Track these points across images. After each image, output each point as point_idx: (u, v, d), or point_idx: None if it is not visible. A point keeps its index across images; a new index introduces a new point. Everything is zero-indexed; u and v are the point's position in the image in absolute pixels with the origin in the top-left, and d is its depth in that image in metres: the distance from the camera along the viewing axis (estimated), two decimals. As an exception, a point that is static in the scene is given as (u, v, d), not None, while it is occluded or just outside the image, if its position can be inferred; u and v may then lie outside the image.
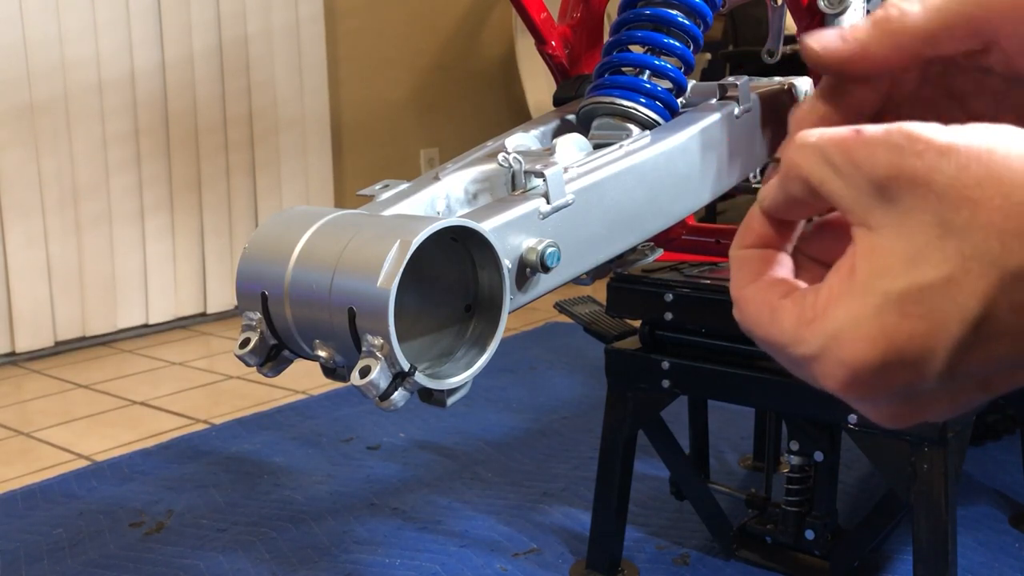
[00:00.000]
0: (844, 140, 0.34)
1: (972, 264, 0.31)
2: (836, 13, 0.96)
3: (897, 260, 0.32)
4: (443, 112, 3.57)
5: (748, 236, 0.39)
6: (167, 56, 2.73)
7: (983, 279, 0.31)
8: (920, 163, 0.32)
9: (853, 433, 1.09)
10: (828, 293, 0.34)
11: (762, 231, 0.39)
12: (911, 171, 0.32)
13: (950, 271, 0.31)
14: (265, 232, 0.66)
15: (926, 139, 0.32)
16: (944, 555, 1.04)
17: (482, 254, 0.63)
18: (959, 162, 0.31)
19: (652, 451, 1.34)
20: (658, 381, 1.20)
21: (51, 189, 2.55)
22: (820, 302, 0.34)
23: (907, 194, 0.32)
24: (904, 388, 0.34)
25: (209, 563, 1.39)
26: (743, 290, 0.38)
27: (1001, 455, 1.64)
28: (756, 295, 0.38)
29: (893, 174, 0.32)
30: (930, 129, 0.32)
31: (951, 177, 0.31)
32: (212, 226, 2.89)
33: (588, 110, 0.84)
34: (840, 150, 0.34)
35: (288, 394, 2.19)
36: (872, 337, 0.32)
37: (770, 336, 0.36)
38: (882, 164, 0.33)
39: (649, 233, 0.78)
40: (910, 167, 0.32)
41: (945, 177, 0.31)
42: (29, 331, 2.56)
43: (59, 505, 1.62)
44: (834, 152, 0.34)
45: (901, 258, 0.32)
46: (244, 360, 0.66)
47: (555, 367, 2.29)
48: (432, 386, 0.61)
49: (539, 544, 1.41)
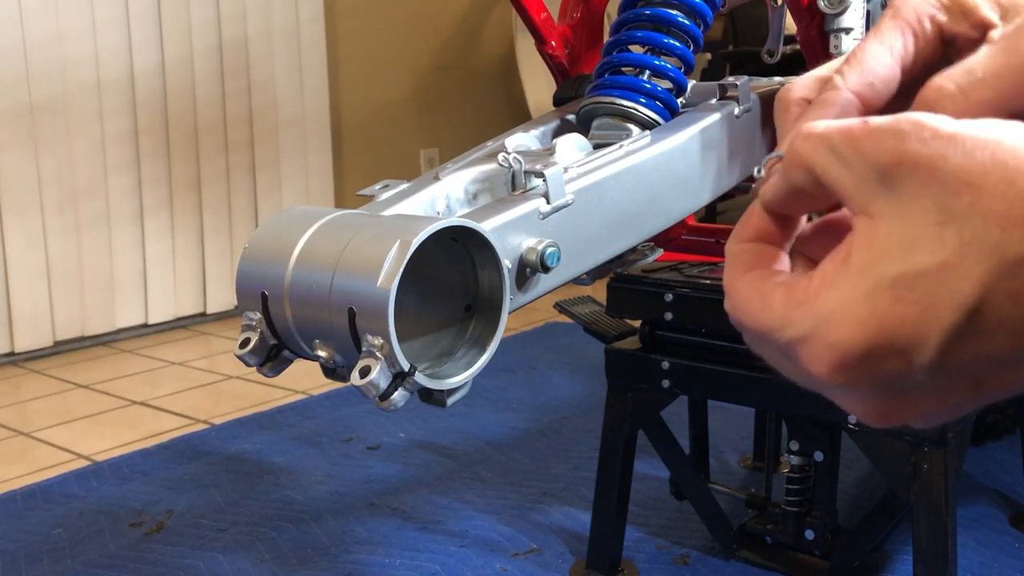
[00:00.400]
0: (851, 129, 0.34)
1: (970, 250, 0.30)
2: (836, 13, 0.96)
3: (894, 246, 0.32)
4: (443, 112, 3.57)
5: (746, 230, 0.39)
6: (167, 56, 2.73)
7: (980, 265, 0.30)
8: (925, 149, 0.32)
9: (853, 433, 1.09)
10: (821, 277, 0.34)
11: (760, 226, 0.39)
12: (915, 157, 0.32)
13: (946, 257, 0.31)
14: (265, 232, 0.66)
15: (933, 127, 0.32)
16: (944, 555, 1.04)
17: (482, 254, 0.63)
18: (965, 149, 0.31)
19: (652, 451, 1.34)
20: (658, 381, 1.20)
21: (50, 189, 2.55)
22: (813, 286, 0.34)
23: (910, 180, 0.32)
24: (892, 378, 0.33)
25: (209, 563, 1.39)
26: (735, 280, 0.38)
27: (1001, 455, 1.64)
28: (748, 284, 0.37)
29: (897, 160, 0.32)
30: (938, 119, 0.32)
31: (956, 164, 0.31)
32: (212, 226, 2.89)
33: (588, 110, 0.84)
34: (846, 139, 0.34)
35: (288, 394, 2.19)
36: (863, 320, 0.32)
37: (759, 321, 0.36)
38: (888, 149, 0.32)
39: (649, 233, 0.78)
40: (914, 152, 0.32)
41: (949, 163, 0.31)
42: (28, 331, 2.56)
43: (59, 505, 1.62)
44: (840, 140, 0.34)
45: (898, 244, 0.32)
46: (244, 360, 0.66)
47: (555, 367, 2.29)
48: (432, 386, 0.61)
49: (539, 544, 1.41)
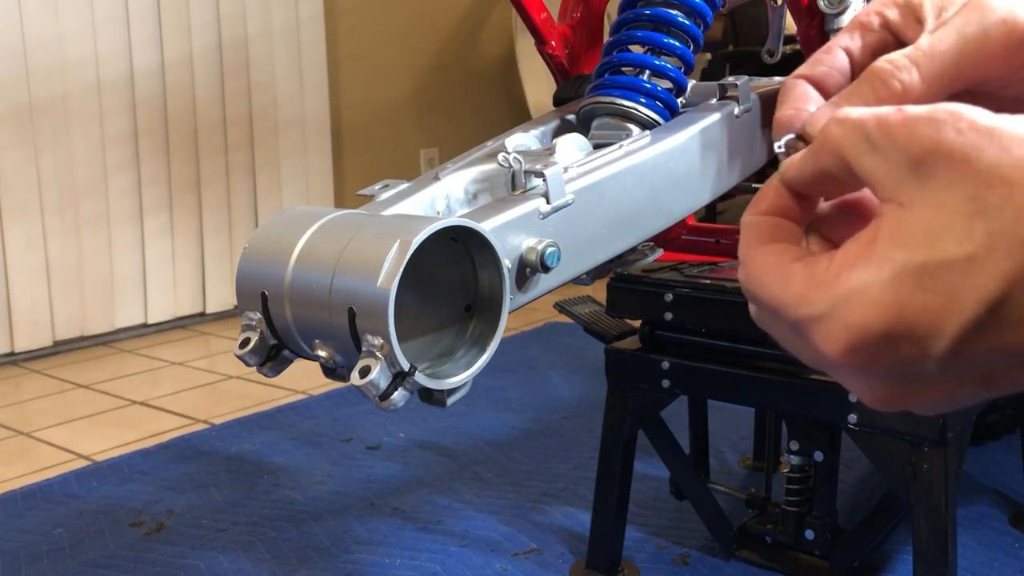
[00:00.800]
0: (886, 117, 0.33)
1: (999, 243, 0.30)
2: (836, 13, 0.96)
3: (921, 233, 0.32)
4: (443, 112, 3.57)
5: (764, 203, 0.39)
6: (166, 56, 2.73)
7: (1008, 260, 0.30)
8: (961, 139, 0.31)
9: (853, 433, 1.09)
10: (843, 259, 0.34)
11: (779, 200, 0.38)
12: (949, 146, 0.32)
13: (973, 249, 0.31)
14: (265, 232, 0.66)
15: (970, 119, 0.32)
16: (944, 555, 1.04)
17: (482, 254, 0.63)
18: (1002, 143, 0.31)
19: (652, 451, 1.34)
20: (658, 381, 1.20)
21: (50, 189, 2.55)
22: (834, 266, 0.34)
23: (943, 169, 0.32)
24: (903, 365, 0.33)
25: (209, 563, 1.39)
26: (752, 250, 0.37)
27: (1001, 455, 1.64)
28: (766, 256, 0.37)
29: (931, 148, 0.32)
30: (975, 111, 0.32)
31: (991, 157, 0.31)
32: (211, 226, 2.89)
33: (588, 110, 0.84)
34: (880, 126, 0.33)
35: (288, 394, 2.19)
36: (882, 303, 0.32)
37: (775, 296, 0.36)
38: (922, 138, 0.32)
39: (649, 233, 0.78)
40: (949, 142, 0.32)
41: (984, 156, 0.31)
42: (28, 331, 2.56)
43: (59, 505, 1.62)
44: (874, 127, 0.34)
45: (925, 232, 0.32)
46: (244, 360, 0.66)
47: (555, 367, 2.29)
48: (432, 386, 0.61)
49: (539, 544, 1.41)
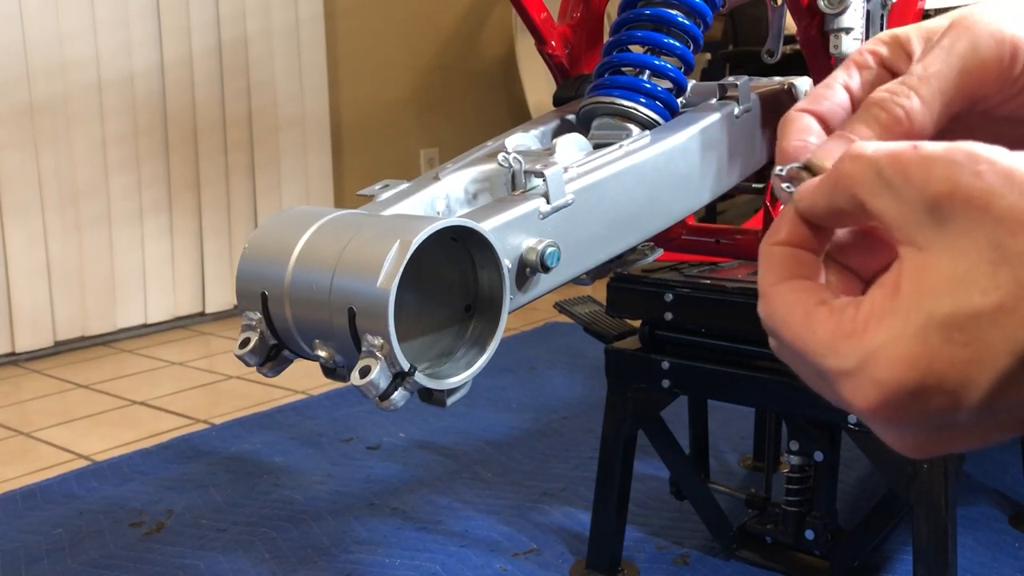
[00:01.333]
0: (901, 155, 0.32)
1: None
2: (836, 13, 0.96)
3: (945, 281, 0.31)
4: (443, 112, 3.57)
5: (780, 233, 0.38)
6: (166, 56, 2.73)
7: None
8: (980, 183, 0.30)
9: (853, 433, 1.09)
10: (870, 308, 0.32)
11: (796, 230, 0.37)
12: (968, 190, 0.30)
13: (1001, 299, 0.30)
14: (265, 232, 0.66)
15: (988, 159, 0.31)
16: (944, 555, 1.04)
17: (482, 254, 0.63)
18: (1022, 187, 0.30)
19: (652, 451, 1.34)
20: (658, 381, 1.20)
21: (50, 189, 2.55)
22: (861, 316, 0.33)
23: (961, 214, 0.31)
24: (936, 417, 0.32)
25: (209, 563, 1.39)
26: (774, 287, 0.36)
27: (1001, 455, 1.64)
28: (788, 295, 0.36)
29: (948, 191, 0.31)
30: (993, 151, 0.31)
31: (1011, 202, 0.30)
32: (211, 226, 2.89)
33: (588, 110, 0.84)
34: (895, 165, 0.32)
35: (288, 394, 2.19)
36: (912, 358, 0.31)
37: (800, 340, 0.34)
38: (938, 180, 0.31)
39: (649, 233, 0.78)
40: (967, 186, 0.30)
41: (1006, 201, 0.30)
42: (29, 331, 2.56)
43: (59, 505, 1.62)
44: (888, 166, 0.32)
45: (949, 280, 0.30)
46: (244, 360, 0.66)
47: (555, 367, 2.29)
48: (432, 386, 0.61)
49: (539, 544, 1.41)
